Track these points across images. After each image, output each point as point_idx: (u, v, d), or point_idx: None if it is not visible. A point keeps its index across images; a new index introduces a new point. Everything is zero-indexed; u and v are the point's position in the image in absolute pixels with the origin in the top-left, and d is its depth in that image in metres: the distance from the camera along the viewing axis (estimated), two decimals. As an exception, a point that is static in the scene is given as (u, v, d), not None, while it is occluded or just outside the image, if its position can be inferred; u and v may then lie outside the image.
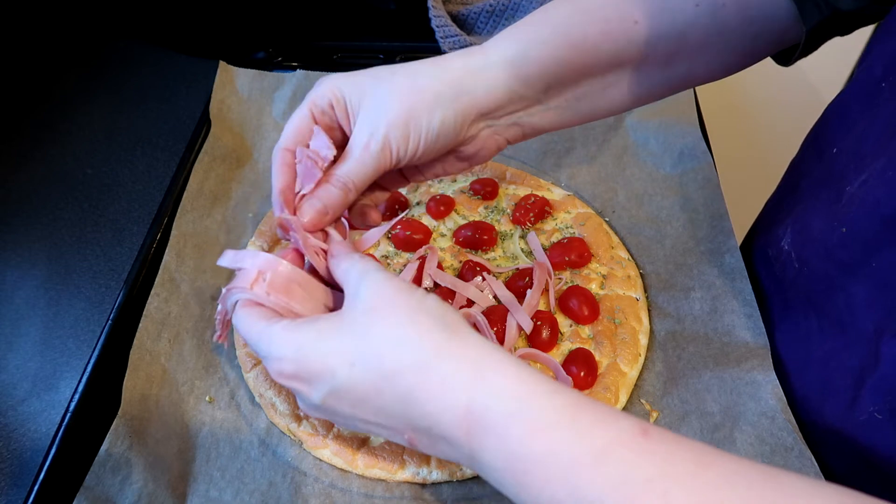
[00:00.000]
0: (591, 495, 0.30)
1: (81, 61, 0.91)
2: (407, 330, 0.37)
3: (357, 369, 0.37)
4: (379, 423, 0.38)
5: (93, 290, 0.66)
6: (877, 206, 0.44)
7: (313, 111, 0.47)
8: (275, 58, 0.89)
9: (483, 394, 0.34)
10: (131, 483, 0.50)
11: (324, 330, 0.39)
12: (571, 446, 0.32)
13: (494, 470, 0.34)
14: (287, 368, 0.39)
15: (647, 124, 0.77)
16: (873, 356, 0.46)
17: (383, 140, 0.45)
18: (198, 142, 0.74)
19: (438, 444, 0.37)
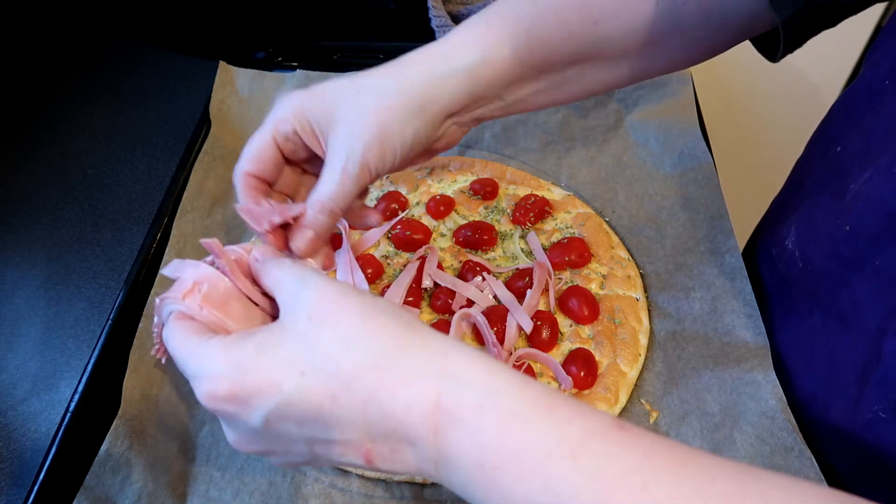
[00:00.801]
0: (567, 489, 0.29)
1: (81, 61, 0.91)
2: (362, 328, 0.34)
3: (308, 378, 0.33)
4: (330, 441, 0.34)
5: (93, 290, 0.66)
6: (881, 202, 0.44)
7: (276, 138, 0.47)
8: (275, 58, 0.89)
9: (453, 386, 0.32)
10: (131, 483, 0.50)
11: (265, 342, 0.35)
12: (547, 438, 0.30)
13: (462, 469, 0.32)
14: (221, 389, 0.34)
15: (647, 124, 0.77)
16: (876, 354, 0.46)
17: (361, 163, 0.45)
18: (198, 142, 0.74)
19: (400, 450, 0.33)
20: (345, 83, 0.47)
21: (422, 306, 0.63)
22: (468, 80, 0.48)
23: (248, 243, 0.44)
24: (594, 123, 0.79)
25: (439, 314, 0.63)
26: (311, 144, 0.47)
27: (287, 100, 0.47)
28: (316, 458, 0.36)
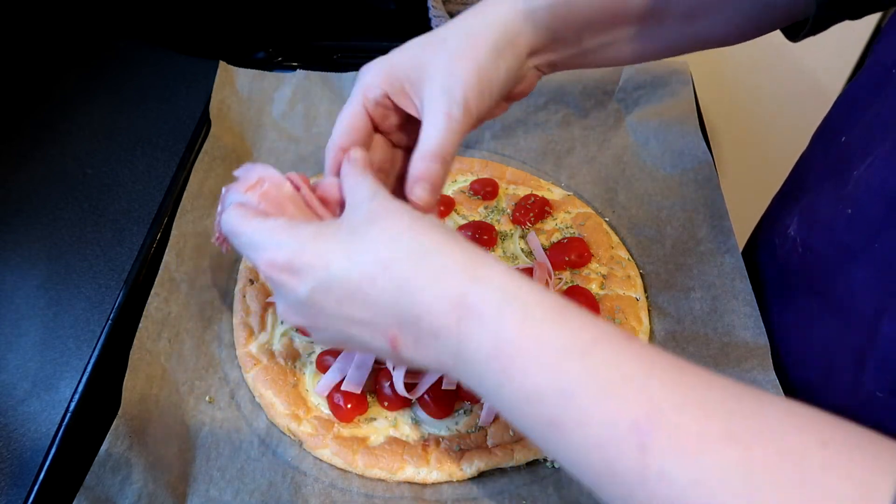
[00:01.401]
0: (573, 385, 0.31)
1: (81, 61, 0.91)
2: (408, 229, 0.38)
3: (352, 261, 0.37)
4: (363, 321, 0.37)
5: (93, 290, 0.66)
6: (882, 187, 0.44)
7: (367, 106, 0.47)
8: (275, 58, 0.89)
9: (478, 284, 0.35)
10: (131, 483, 0.50)
11: (323, 229, 0.40)
12: (560, 339, 0.32)
13: (478, 363, 0.34)
14: (281, 258, 0.39)
15: (647, 124, 0.77)
16: (873, 337, 0.46)
17: (464, 105, 0.44)
18: (198, 142, 0.74)
19: (423, 339, 0.36)
20: (426, 37, 0.47)
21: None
22: (550, 17, 0.48)
23: None
24: (594, 123, 0.79)
25: (439, 314, 0.63)
26: (403, 104, 0.47)
27: (370, 67, 0.47)
28: (350, 339, 0.39)
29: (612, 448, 0.30)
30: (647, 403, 0.29)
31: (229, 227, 0.43)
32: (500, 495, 0.52)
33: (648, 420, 0.29)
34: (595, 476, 0.31)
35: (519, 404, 0.33)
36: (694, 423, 0.29)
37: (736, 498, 0.27)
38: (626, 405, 0.30)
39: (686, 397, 0.30)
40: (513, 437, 0.55)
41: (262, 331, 0.61)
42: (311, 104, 0.80)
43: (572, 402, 0.31)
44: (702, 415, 0.29)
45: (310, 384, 0.58)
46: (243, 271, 0.65)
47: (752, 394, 0.30)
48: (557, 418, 0.31)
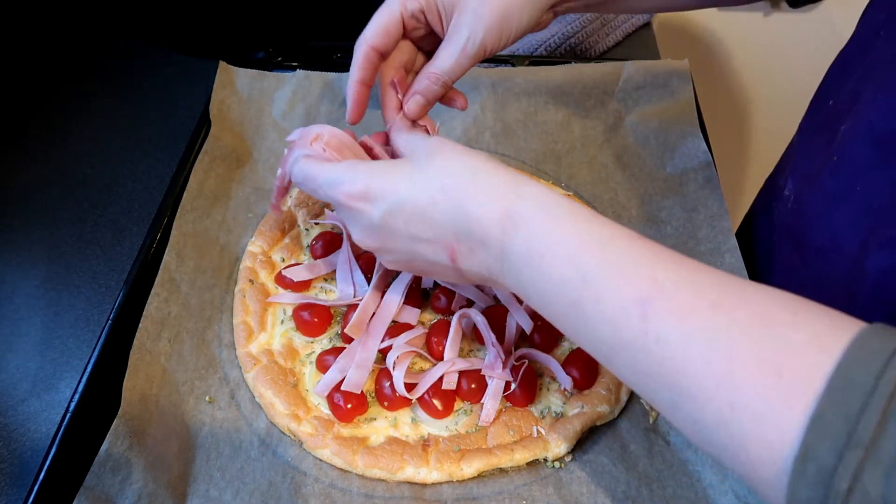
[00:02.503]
0: (592, 269, 0.38)
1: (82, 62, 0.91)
2: (464, 157, 0.44)
3: (417, 186, 0.44)
4: (427, 239, 0.44)
5: (93, 290, 0.66)
6: (868, 129, 0.47)
7: (403, 13, 0.52)
8: (275, 58, 0.88)
9: (519, 198, 0.41)
10: (131, 483, 0.50)
11: (389, 164, 0.47)
12: (582, 234, 0.39)
13: (518, 261, 0.41)
14: (358, 188, 0.45)
15: (647, 124, 0.77)
16: (859, 275, 0.49)
17: (481, 43, 0.51)
18: (198, 142, 0.74)
19: (475, 249, 0.43)
20: None
21: (422, 306, 0.63)
22: None
23: None
24: (594, 123, 0.79)
25: (439, 314, 0.63)
26: (433, 23, 0.53)
27: None
28: (415, 256, 0.46)
29: (622, 319, 0.36)
30: (651, 282, 0.35)
31: (304, 174, 0.49)
32: (500, 495, 0.52)
33: (651, 295, 0.35)
34: (607, 348, 0.37)
35: (550, 292, 0.39)
36: (687, 296, 0.35)
37: (717, 351, 0.33)
38: (634, 284, 0.36)
39: (682, 278, 0.35)
40: (513, 437, 0.55)
41: (262, 331, 0.61)
42: (311, 104, 0.80)
43: (590, 284, 0.37)
44: (694, 290, 0.35)
45: (310, 384, 0.58)
46: (243, 271, 0.65)
47: (739, 279, 0.35)
48: (578, 299, 0.38)
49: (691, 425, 0.34)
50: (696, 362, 0.33)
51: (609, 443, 0.55)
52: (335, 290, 0.64)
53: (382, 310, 0.59)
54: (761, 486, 0.32)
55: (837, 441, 0.28)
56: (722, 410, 0.32)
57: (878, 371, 0.28)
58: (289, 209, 0.70)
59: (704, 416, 0.33)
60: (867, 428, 0.27)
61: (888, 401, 0.27)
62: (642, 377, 0.36)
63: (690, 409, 0.34)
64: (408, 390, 0.55)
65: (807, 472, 0.28)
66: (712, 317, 0.33)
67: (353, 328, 0.57)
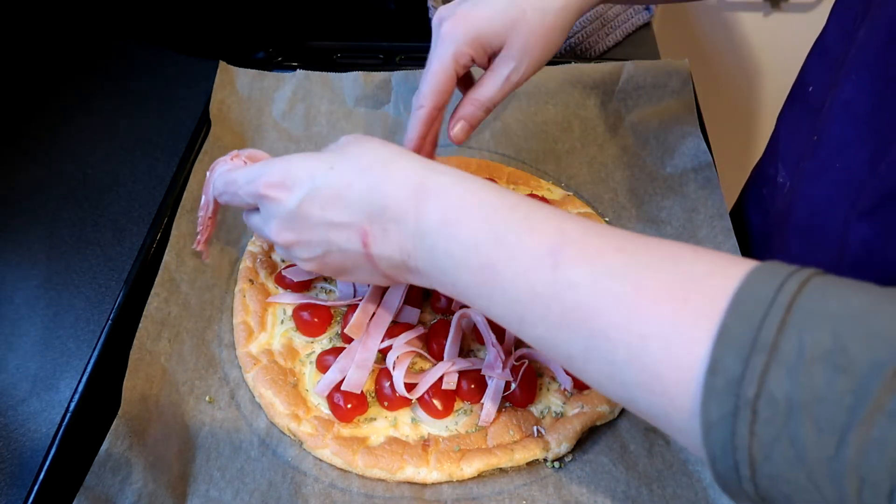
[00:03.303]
0: (504, 228, 0.39)
1: (82, 62, 0.91)
2: (380, 146, 0.46)
3: (335, 170, 0.45)
4: (341, 224, 0.44)
5: (93, 290, 0.66)
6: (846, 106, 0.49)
7: (457, 68, 0.54)
8: (275, 58, 0.89)
9: (433, 173, 0.43)
10: (131, 483, 0.50)
11: (308, 154, 0.48)
12: (494, 199, 0.41)
13: (432, 232, 0.41)
14: (274, 177, 0.46)
15: (647, 124, 0.77)
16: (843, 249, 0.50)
17: (524, 73, 0.54)
18: (198, 142, 0.74)
19: (389, 229, 0.43)
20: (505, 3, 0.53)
21: (422, 306, 0.63)
22: None
23: None
24: (594, 123, 0.79)
25: (439, 314, 0.63)
26: (481, 63, 0.55)
27: (457, 30, 0.53)
28: (330, 247, 0.46)
29: (533, 273, 0.37)
30: (560, 234, 0.37)
31: (224, 180, 0.51)
32: (500, 495, 0.52)
33: (560, 245, 0.37)
34: (521, 306, 0.38)
35: (463, 258, 0.40)
36: (594, 244, 0.37)
37: (625, 288, 0.34)
38: (544, 236, 0.38)
39: (589, 230, 0.38)
40: (513, 437, 0.55)
41: (262, 331, 0.61)
42: (311, 104, 0.80)
43: (502, 242, 0.39)
44: (601, 239, 0.37)
45: (310, 384, 0.58)
46: (243, 271, 0.65)
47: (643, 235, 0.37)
48: (491, 260, 0.39)
49: (606, 370, 0.35)
50: (606, 301, 0.34)
51: (609, 443, 0.55)
52: (335, 290, 0.64)
53: (382, 310, 0.59)
54: (676, 420, 0.32)
55: (742, 350, 0.29)
56: (632, 344, 0.33)
57: (778, 285, 0.29)
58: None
59: (616, 355, 0.34)
60: (769, 333, 0.28)
61: (786, 309, 0.28)
62: (556, 329, 0.37)
63: (603, 350, 0.34)
64: (408, 390, 0.55)
65: (716, 385, 0.29)
66: (619, 258, 0.35)
67: (353, 328, 0.57)
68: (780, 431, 0.27)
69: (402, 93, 0.80)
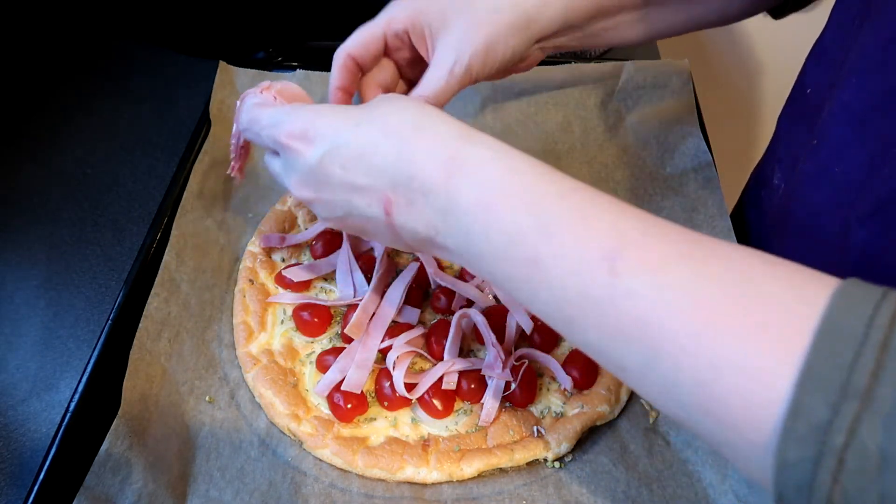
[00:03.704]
0: (553, 219, 0.35)
1: (82, 62, 0.91)
2: (412, 104, 0.42)
3: (359, 128, 0.41)
4: (362, 187, 0.41)
5: (93, 290, 0.66)
6: (845, 109, 0.48)
7: (386, 31, 0.52)
8: (275, 58, 0.88)
9: (468, 144, 0.39)
10: (131, 483, 0.50)
11: (335, 107, 0.45)
12: (542, 184, 0.37)
13: (465, 213, 0.37)
14: (298, 126, 0.43)
15: (647, 124, 0.77)
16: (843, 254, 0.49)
17: (468, 66, 0.50)
18: (198, 142, 0.74)
19: (415, 201, 0.39)
20: None
21: (422, 306, 0.63)
22: (563, 7, 0.52)
23: None
24: (594, 123, 0.79)
25: (439, 314, 0.63)
26: (418, 46, 0.52)
27: (402, 2, 0.52)
28: (350, 209, 0.43)
29: (586, 275, 0.33)
30: (617, 235, 0.33)
31: (249, 117, 0.48)
32: (500, 495, 0.52)
33: (618, 247, 0.33)
34: (570, 309, 0.34)
35: (503, 248, 0.36)
36: (656, 249, 0.33)
37: (693, 304, 0.31)
38: (599, 236, 0.34)
39: (649, 230, 0.34)
40: (513, 437, 0.55)
41: (262, 331, 0.61)
42: (311, 104, 0.80)
43: (550, 236, 0.35)
44: (663, 243, 0.33)
45: (310, 384, 0.58)
46: (243, 271, 0.65)
47: (705, 235, 0.34)
48: (537, 255, 0.35)
49: (665, 389, 0.32)
50: (671, 317, 0.31)
51: (609, 443, 0.55)
52: (335, 290, 0.64)
53: (382, 310, 0.59)
54: (744, 451, 0.30)
55: (831, 394, 0.26)
56: (701, 369, 0.30)
57: (867, 319, 0.27)
58: (289, 209, 0.70)
59: (681, 376, 0.31)
60: (861, 378, 0.26)
61: (881, 349, 0.26)
62: (610, 339, 0.33)
63: (665, 369, 0.31)
64: (408, 390, 0.55)
65: (798, 429, 0.27)
66: (685, 268, 0.32)
67: (353, 328, 0.57)
68: (870, 484, 0.25)
69: (402, 93, 0.80)
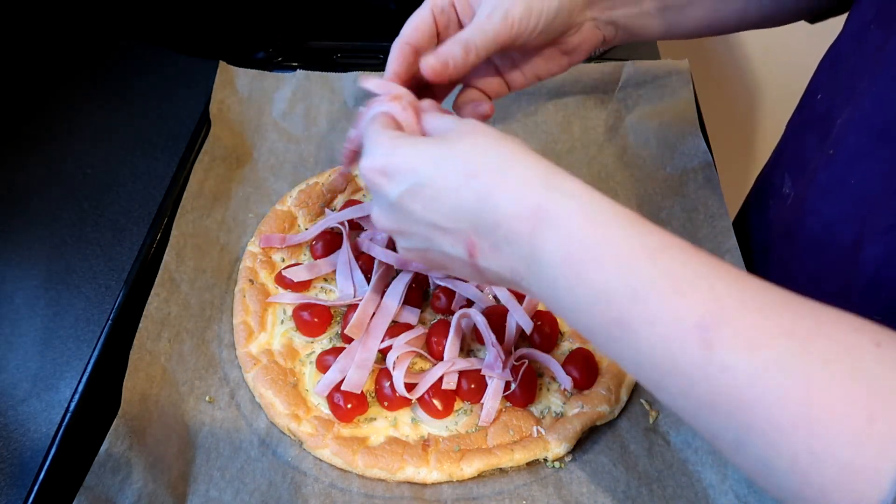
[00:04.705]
0: (644, 282, 0.33)
1: (82, 61, 0.91)
2: (494, 143, 0.40)
3: (441, 168, 0.40)
4: (444, 228, 0.40)
5: (93, 290, 0.66)
6: (864, 119, 0.47)
7: (434, 10, 0.51)
8: (275, 58, 0.88)
9: (554, 193, 0.37)
10: (131, 483, 0.50)
11: (420, 140, 0.43)
12: (631, 242, 0.35)
13: (551, 266, 0.36)
14: (378, 162, 0.42)
15: (647, 124, 0.77)
16: (854, 266, 0.48)
17: (505, 15, 0.48)
18: (198, 142, 0.74)
19: (499, 246, 0.39)
20: None
21: (422, 306, 0.63)
22: None
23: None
24: (594, 123, 0.79)
25: (439, 314, 0.63)
26: (465, 16, 0.51)
27: None
28: (431, 246, 0.42)
29: (677, 344, 0.32)
30: (713, 302, 0.31)
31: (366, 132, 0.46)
32: (500, 495, 0.52)
33: (713, 317, 0.31)
34: (658, 373, 0.33)
35: (589, 305, 0.35)
36: (756, 321, 0.31)
37: (794, 387, 0.29)
38: (693, 304, 0.32)
39: (747, 298, 0.32)
40: (513, 437, 0.55)
41: (262, 331, 0.61)
42: (311, 104, 0.80)
43: (641, 300, 0.33)
44: (762, 314, 0.31)
45: (310, 384, 0.58)
46: (243, 271, 0.65)
47: (807, 300, 0.32)
48: (625, 316, 0.33)
49: (757, 465, 0.31)
50: (769, 398, 0.29)
51: (609, 443, 0.55)
52: (335, 290, 0.64)
53: (382, 310, 0.59)
54: None
55: None
56: (799, 456, 0.28)
57: None
58: (289, 209, 0.70)
59: (776, 459, 0.29)
60: None
61: None
62: (701, 408, 0.32)
63: (759, 447, 0.30)
64: (408, 390, 0.55)
65: None
66: (787, 346, 0.30)
67: (353, 328, 0.57)
68: None
69: (402, 93, 0.80)
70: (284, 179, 0.74)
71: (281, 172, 0.75)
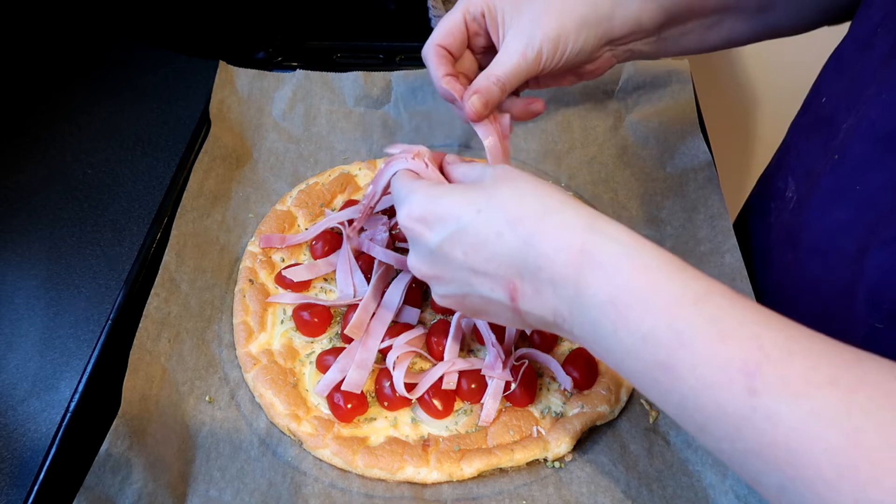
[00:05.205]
0: (688, 328, 0.34)
1: (82, 61, 0.91)
2: (533, 188, 0.41)
3: (483, 215, 0.41)
4: (485, 273, 0.41)
5: (93, 290, 0.66)
6: (870, 127, 0.47)
7: (466, 16, 0.54)
8: (275, 58, 0.89)
9: (597, 238, 0.38)
10: (131, 483, 0.50)
11: (457, 187, 0.44)
12: (675, 287, 0.35)
13: (594, 307, 0.37)
14: (416, 210, 0.44)
15: (647, 124, 0.77)
16: (858, 274, 0.48)
17: (538, 51, 0.52)
18: (198, 142, 0.74)
19: (542, 290, 0.39)
20: None
21: (422, 306, 0.63)
22: (638, 8, 0.54)
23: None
24: (594, 123, 0.79)
25: (439, 314, 0.63)
26: (492, 30, 0.54)
27: None
28: (471, 291, 0.43)
29: (723, 390, 0.32)
30: (758, 350, 0.32)
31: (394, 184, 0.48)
32: (500, 495, 0.52)
33: (758, 365, 0.31)
34: (702, 417, 0.33)
35: (633, 348, 0.35)
36: (801, 369, 0.31)
37: (840, 437, 0.29)
38: (738, 350, 0.32)
39: (792, 346, 0.32)
40: (513, 437, 0.55)
41: (262, 331, 0.61)
42: (311, 104, 0.80)
43: (684, 345, 0.33)
44: (807, 362, 0.31)
45: (309, 384, 0.58)
46: (243, 271, 0.65)
47: (851, 348, 0.32)
48: (670, 360, 0.34)
49: None
50: (815, 447, 0.29)
51: (609, 443, 0.55)
52: (335, 290, 0.64)
53: (382, 310, 0.59)
54: None
55: None
56: None
57: None
58: (289, 209, 0.70)
59: None
60: None
61: None
62: (745, 454, 0.32)
63: (804, 496, 0.30)
64: (408, 390, 0.55)
65: None
66: (831, 396, 0.30)
67: (353, 328, 0.57)
68: None
69: (401, 93, 0.80)
70: (284, 179, 0.74)
71: (281, 172, 0.75)
